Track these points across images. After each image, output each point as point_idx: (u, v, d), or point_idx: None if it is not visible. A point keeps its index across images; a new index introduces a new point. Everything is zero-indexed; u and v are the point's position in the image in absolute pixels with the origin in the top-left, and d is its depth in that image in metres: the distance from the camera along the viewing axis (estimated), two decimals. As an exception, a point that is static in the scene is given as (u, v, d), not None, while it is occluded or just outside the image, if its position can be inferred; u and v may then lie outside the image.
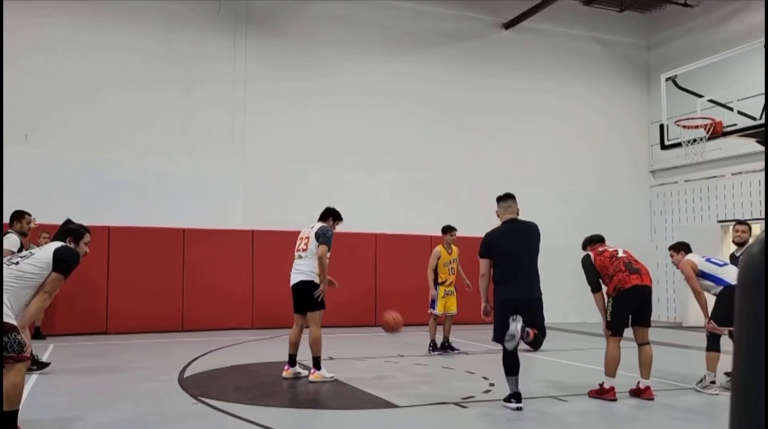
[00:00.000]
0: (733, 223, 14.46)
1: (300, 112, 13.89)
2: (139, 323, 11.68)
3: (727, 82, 8.85)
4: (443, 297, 9.46)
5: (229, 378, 7.21)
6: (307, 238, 7.32)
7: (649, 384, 6.28)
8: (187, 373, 7.43)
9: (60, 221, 11.54)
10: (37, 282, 4.46)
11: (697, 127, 8.82)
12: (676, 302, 15.59)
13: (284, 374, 7.23)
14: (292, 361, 7.26)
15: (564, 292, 12.81)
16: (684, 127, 9.01)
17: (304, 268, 7.17)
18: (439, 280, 9.47)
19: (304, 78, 13.94)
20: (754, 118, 8.35)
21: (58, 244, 4.71)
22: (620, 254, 6.48)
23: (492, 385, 6.82)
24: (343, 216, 7.79)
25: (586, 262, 6.56)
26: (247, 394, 6.28)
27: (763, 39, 8.27)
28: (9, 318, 4.27)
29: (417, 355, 9.20)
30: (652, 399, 6.17)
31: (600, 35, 16.57)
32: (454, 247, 9.63)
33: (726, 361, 6.76)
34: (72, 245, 4.81)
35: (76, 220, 5.18)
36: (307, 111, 13.93)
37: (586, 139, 16.12)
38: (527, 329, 5.53)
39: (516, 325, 5.43)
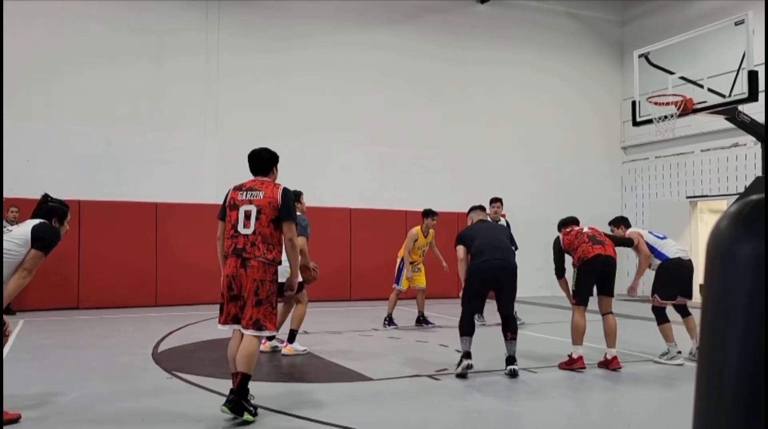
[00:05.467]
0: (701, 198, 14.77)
1: (274, 84, 13.72)
2: (111, 298, 11.59)
3: (697, 60, 8.93)
4: (409, 274, 9.53)
5: (204, 352, 7.21)
6: None
7: (616, 353, 6.45)
8: (161, 348, 7.42)
9: (28, 194, 11.34)
10: (15, 259, 4.37)
11: (668, 103, 8.91)
12: (644, 276, 15.88)
13: (261, 347, 7.26)
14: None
15: (535, 264, 12.98)
16: (655, 103, 9.10)
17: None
18: (409, 260, 9.52)
19: (279, 49, 13.76)
20: (723, 96, 8.45)
21: (36, 221, 4.59)
22: (585, 230, 6.75)
23: (465, 357, 6.92)
24: (304, 191, 7.76)
25: (554, 245, 6.91)
26: (222, 369, 6.27)
27: (735, 17, 8.35)
28: None
29: (391, 329, 9.28)
30: (620, 368, 6.34)
31: (575, 10, 16.59)
32: (430, 231, 9.63)
33: (676, 330, 6.96)
34: (57, 225, 4.71)
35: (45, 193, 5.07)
36: (282, 83, 13.78)
37: (559, 116, 16.23)
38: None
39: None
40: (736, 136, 12.99)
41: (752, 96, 8.04)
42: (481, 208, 7.15)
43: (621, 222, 7.49)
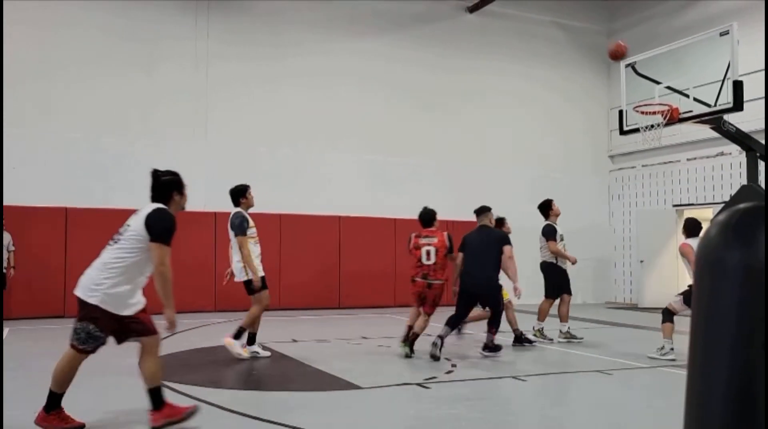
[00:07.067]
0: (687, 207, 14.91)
1: (264, 92, 13.72)
2: (97, 306, 11.48)
3: (683, 70, 9.03)
4: None
5: (191, 361, 7.17)
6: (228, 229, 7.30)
7: None
8: (148, 357, 7.34)
9: (14, 202, 11.20)
10: (140, 256, 4.15)
11: (654, 113, 8.99)
12: (632, 284, 16.01)
13: (242, 353, 7.22)
14: (250, 339, 7.29)
15: (524, 273, 12.98)
16: (642, 113, 9.17)
17: (234, 260, 7.16)
18: None
19: (269, 58, 13.76)
20: (708, 105, 8.54)
21: (149, 209, 4.28)
22: None
23: (454, 366, 6.93)
24: (252, 191, 7.51)
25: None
26: (209, 377, 6.25)
27: (720, 28, 8.46)
28: (103, 302, 4.15)
29: (380, 337, 9.27)
30: None
31: (562, 21, 16.74)
32: None
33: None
34: (178, 198, 4.45)
35: (32, 200, 5.00)
36: (272, 91, 13.77)
37: (547, 123, 16.34)
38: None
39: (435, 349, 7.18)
40: (722, 145, 13.13)
41: (737, 106, 8.13)
42: (487, 210, 7.91)
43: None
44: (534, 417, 5.10)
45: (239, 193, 7.43)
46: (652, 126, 9.03)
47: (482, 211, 8.00)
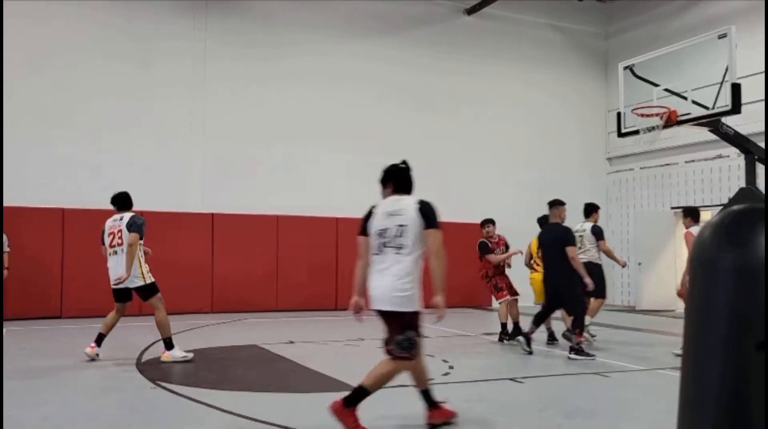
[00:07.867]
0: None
1: (261, 92, 13.72)
2: (94, 307, 11.42)
3: (682, 72, 9.03)
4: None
5: (188, 362, 7.15)
6: (119, 231, 7.21)
7: None
8: (144, 358, 7.35)
9: (9, 202, 11.15)
10: (417, 247, 4.25)
11: (652, 115, 8.99)
12: (630, 286, 16.01)
13: (87, 351, 7.18)
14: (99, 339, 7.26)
15: (522, 275, 12.98)
16: (640, 115, 9.18)
17: (120, 270, 7.05)
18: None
19: (266, 58, 13.77)
20: (707, 108, 8.55)
21: (412, 200, 4.48)
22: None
23: (451, 367, 6.92)
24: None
25: None
26: (206, 378, 6.24)
27: (718, 31, 8.47)
28: (408, 304, 4.17)
29: (377, 339, 9.23)
30: None
31: (560, 23, 16.76)
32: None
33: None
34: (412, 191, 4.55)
35: (27, 200, 4.98)
36: (269, 91, 13.77)
37: (545, 126, 16.34)
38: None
39: None
40: (720, 147, 13.13)
41: (735, 108, 8.14)
42: (558, 205, 7.95)
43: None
44: (532, 419, 5.09)
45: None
46: (654, 127, 9.02)
47: (551, 205, 8.02)
